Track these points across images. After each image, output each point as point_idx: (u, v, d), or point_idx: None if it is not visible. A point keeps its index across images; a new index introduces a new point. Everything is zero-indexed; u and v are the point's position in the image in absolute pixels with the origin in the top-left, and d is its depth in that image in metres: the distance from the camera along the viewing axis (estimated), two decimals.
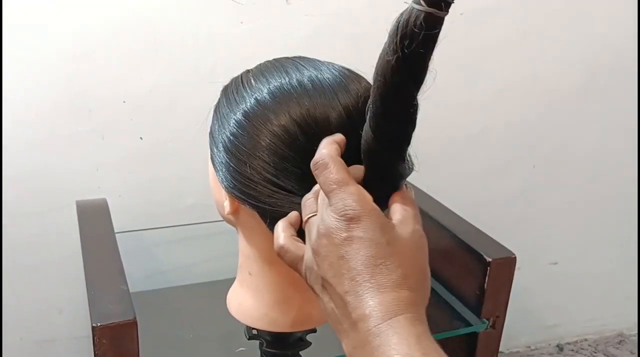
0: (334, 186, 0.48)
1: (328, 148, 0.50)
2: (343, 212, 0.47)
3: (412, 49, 0.45)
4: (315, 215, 0.51)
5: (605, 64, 1.48)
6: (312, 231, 0.50)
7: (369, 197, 0.49)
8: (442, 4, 0.43)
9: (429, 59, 0.47)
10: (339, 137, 0.52)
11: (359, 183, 0.50)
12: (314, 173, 0.50)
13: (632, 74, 1.50)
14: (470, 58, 1.37)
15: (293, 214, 0.55)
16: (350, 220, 0.47)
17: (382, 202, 0.51)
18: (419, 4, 0.43)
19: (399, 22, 0.45)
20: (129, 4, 1.11)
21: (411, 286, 0.47)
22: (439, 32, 0.45)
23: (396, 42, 0.45)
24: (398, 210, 0.51)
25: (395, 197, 0.52)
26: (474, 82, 1.39)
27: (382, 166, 0.51)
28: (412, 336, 0.44)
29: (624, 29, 1.43)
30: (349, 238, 0.47)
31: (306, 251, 0.51)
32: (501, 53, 1.39)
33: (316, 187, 0.52)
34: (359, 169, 0.52)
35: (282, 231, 0.53)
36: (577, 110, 1.52)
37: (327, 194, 0.49)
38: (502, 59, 1.39)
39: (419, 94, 0.48)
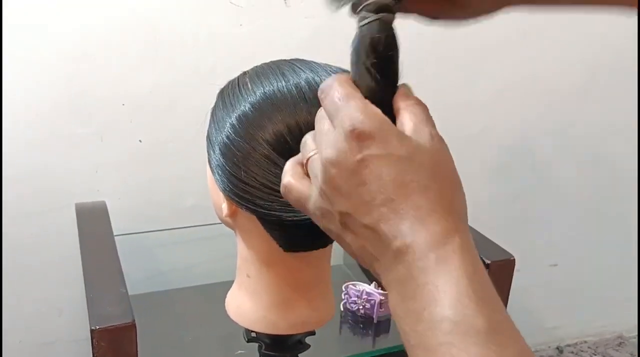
0: (340, 103, 0.42)
1: (336, 75, 0.45)
2: (350, 129, 0.40)
3: (381, 57, 0.43)
4: (317, 152, 0.44)
5: (605, 64, 1.48)
6: (315, 168, 0.43)
7: (378, 111, 0.41)
8: (389, 7, 0.43)
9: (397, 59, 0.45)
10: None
11: None
12: (321, 102, 0.44)
13: (632, 75, 1.50)
14: (470, 58, 1.36)
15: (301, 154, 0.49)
16: (360, 137, 0.40)
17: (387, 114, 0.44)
18: (368, 15, 0.44)
19: (361, 42, 0.44)
20: (128, 6, 1.11)
21: (451, 202, 0.41)
22: (395, 35, 0.44)
23: (365, 57, 0.44)
24: (406, 117, 0.43)
25: (398, 103, 0.44)
26: (473, 82, 1.39)
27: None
28: (463, 276, 0.38)
29: (623, 29, 1.42)
30: (363, 159, 0.40)
31: (312, 191, 0.44)
32: (501, 53, 1.39)
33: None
34: None
35: (288, 169, 0.47)
36: (576, 110, 1.52)
37: (332, 116, 0.42)
38: (502, 59, 1.39)
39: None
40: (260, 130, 0.55)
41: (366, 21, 0.44)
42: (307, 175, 0.46)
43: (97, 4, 1.09)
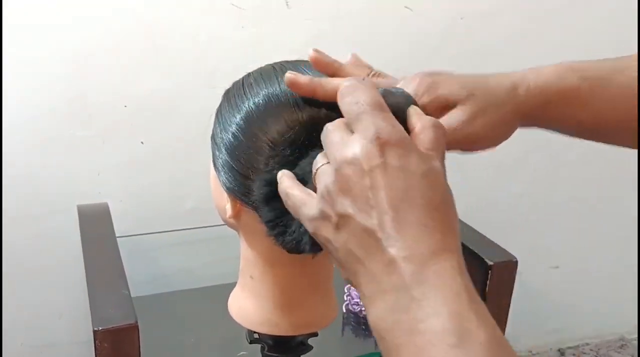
0: (366, 107, 0.42)
1: (361, 80, 0.45)
2: (376, 135, 0.40)
3: None
4: (327, 163, 0.44)
5: None
6: (324, 174, 0.43)
7: (401, 126, 0.43)
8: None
9: None
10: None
11: None
12: (339, 99, 0.45)
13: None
14: (470, 62, 1.36)
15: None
16: (384, 144, 0.40)
17: None
18: None
19: None
20: (130, 8, 1.11)
21: (452, 224, 0.41)
22: None
23: None
24: (427, 135, 0.44)
25: (415, 121, 0.45)
26: None
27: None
28: (464, 292, 0.38)
29: (624, 32, 1.42)
30: (382, 165, 0.40)
31: (311, 197, 0.45)
32: (501, 57, 1.38)
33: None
34: None
35: (285, 177, 0.49)
36: None
37: (354, 117, 0.43)
38: (502, 62, 1.38)
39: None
40: (265, 129, 0.55)
41: None
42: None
43: (99, 7, 1.09)
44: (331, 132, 0.44)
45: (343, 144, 0.42)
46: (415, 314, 0.38)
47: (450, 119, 0.54)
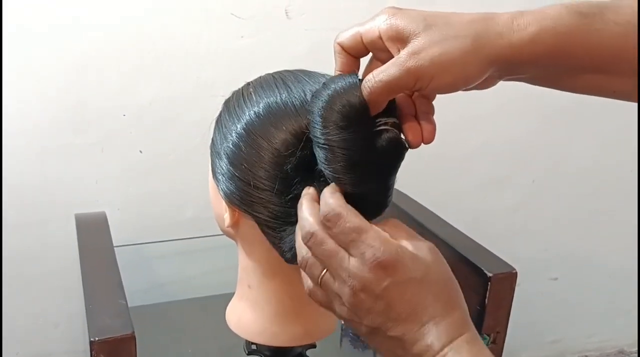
0: (354, 235, 0.47)
1: (334, 197, 0.49)
2: (374, 261, 0.46)
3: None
4: (326, 273, 0.49)
5: None
6: (335, 289, 0.49)
7: (388, 236, 0.48)
8: None
9: None
10: (337, 187, 0.51)
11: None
12: (325, 228, 0.49)
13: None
14: None
15: None
16: (385, 268, 0.46)
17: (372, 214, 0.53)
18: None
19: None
20: (130, 17, 1.11)
21: (457, 303, 0.48)
22: None
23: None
24: (403, 235, 0.50)
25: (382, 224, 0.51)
26: (473, 96, 1.39)
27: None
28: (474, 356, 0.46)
29: None
30: (388, 287, 0.47)
31: (338, 306, 0.50)
32: None
33: (297, 242, 0.51)
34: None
35: (305, 279, 0.53)
36: (576, 123, 1.52)
37: (346, 245, 0.48)
38: None
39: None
40: (265, 138, 0.55)
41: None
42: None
43: (98, 16, 1.10)
44: (329, 250, 0.49)
45: (349, 266, 0.47)
46: None
47: (401, 53, 0.48)
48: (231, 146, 0.58)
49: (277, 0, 1.19)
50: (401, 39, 0.48)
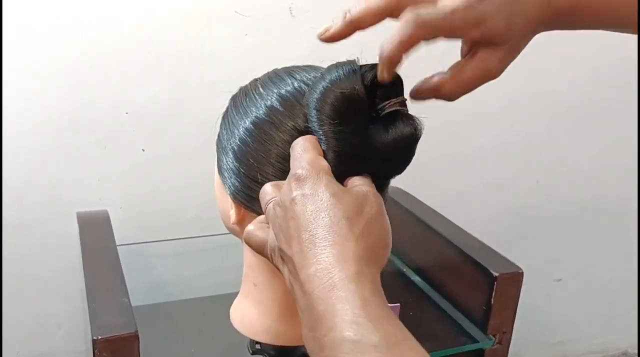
0: (295, 156, 0.49)
1: (302, 137, 0.50)
2: (294, 174, 0.47)
3: None
4: (275, 198, 0.49)
5: (609, 79, 1.48)
6: (269, 211, 0.49)
7: (324, 163, 0.48)
8: None
9: None
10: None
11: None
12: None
13: (635, 90, 1.50)
14: None
15: None
16: (297, 180, 0.46)
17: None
18: None
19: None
20: (132, 16, 1.11)
21: (358, 237, 0.44)
22: None
23: None
24: (352, 178, 0.49)
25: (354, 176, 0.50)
26: (477, 97, 1.38)
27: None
28: (358, 299, 0.40)
29: (628, 43, 1.42)
30: (295, 197, 0.45)
31: (269, 234, 0.49)
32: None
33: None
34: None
35: (253, 222, 0.53)
36: (580, 125, 1.52)
37: (292, 168, 0.49)
38: (506, 73, 1.39)
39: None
40: (275, 130, 0.55)
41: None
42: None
43: (100, 14, 1.09)
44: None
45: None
46: (321, 330, 0.41)
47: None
48: (238, 142, 0.57)
49: None
50: None
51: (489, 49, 0.49)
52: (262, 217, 0.52)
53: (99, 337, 0.70)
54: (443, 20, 0.47)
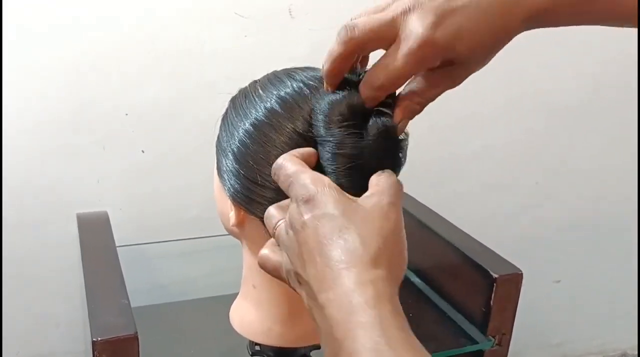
0: (290, 180, 0.47)
1: (282, 156, 0.50)
2: (299, 198, 0.45)
3: None
4: (282, 220, 0.49)
5: (608, 79, 1.48)
6: (281, 235, 0.48)
7: (325, 178, 0.47)
8: None
9: None
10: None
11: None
12: (276, 180, 0.49)
13: (635, 90, 1.50)
14: (473, 74, 1.36)
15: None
16: (305, 203, 0.45)
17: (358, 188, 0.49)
18: None
19: None
20: (132, 16, 1.11)
21: (373, 254, 0.43)
22: None
23: None
24: (370, 186, 0.48)
25: (372, 178, 0.49)
26: (476, 98, 1.39)
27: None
28: (377, 325, 0.40)
29: (627, 44, 1.42)
30: (306, 221, 0.44)
31: (283, 256, 0.49)
32: (503, 68, 1.38)
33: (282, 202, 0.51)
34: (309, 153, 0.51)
35: (266, 245, 0.52)
36: (580, 126, 1.51)
37: (287, 192, 0.47)
38: (504, 74, 1.39)
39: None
40: (275, 132, 0.55)
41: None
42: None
43: (100, 15, 1.09)
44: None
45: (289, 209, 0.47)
46: (342, 355, 0.40)
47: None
48: (237, 144, 0.57)
49: None
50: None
51: (454, 65, 0.50)
52: (273, 240, 0.51)
53: (99, 338, 0.70)
54: (403, 69, 0.48)
